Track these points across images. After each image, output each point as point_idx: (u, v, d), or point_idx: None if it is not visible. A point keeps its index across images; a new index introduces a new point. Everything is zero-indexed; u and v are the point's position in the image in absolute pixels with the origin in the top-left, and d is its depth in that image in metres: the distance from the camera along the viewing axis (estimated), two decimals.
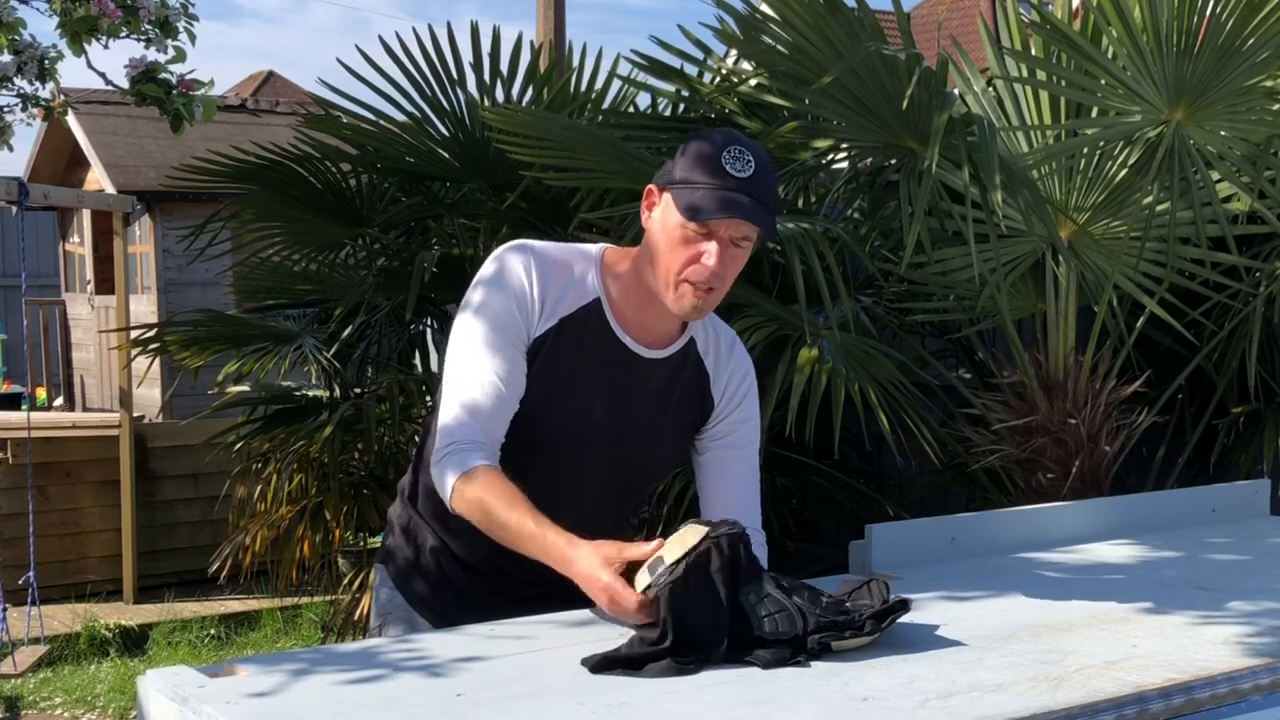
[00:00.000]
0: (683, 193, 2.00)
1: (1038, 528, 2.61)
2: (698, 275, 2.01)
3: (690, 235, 2.00)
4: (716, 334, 2.25)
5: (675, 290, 2.04)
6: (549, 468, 2.15)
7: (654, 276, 2.05)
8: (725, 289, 2.06)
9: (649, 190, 2.08)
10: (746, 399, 2.26)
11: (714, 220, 1.98)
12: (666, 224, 2.03)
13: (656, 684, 1.68)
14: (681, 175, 2.01)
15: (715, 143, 2.02)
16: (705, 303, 2.05)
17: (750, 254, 2.08)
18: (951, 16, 13.02)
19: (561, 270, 2.11)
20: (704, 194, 1.98)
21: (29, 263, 6.36)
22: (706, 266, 2.00)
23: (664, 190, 2.04)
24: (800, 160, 3.88)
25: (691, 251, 2.01)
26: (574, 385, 2.12)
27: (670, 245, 2.02)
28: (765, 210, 2.00)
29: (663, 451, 2.25)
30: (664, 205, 2.04)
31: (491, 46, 4.32)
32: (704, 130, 2.10)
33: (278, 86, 14.95)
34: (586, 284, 2.12)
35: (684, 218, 1.99)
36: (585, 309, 2.11)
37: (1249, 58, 3.27)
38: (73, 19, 3.56)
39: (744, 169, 1.98)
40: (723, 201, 1.97)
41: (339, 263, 4.87)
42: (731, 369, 2.24)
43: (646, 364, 2.15)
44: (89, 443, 7.43)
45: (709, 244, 2.00)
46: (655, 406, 2.18)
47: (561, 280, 2.10)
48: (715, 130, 2.08)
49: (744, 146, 2.01)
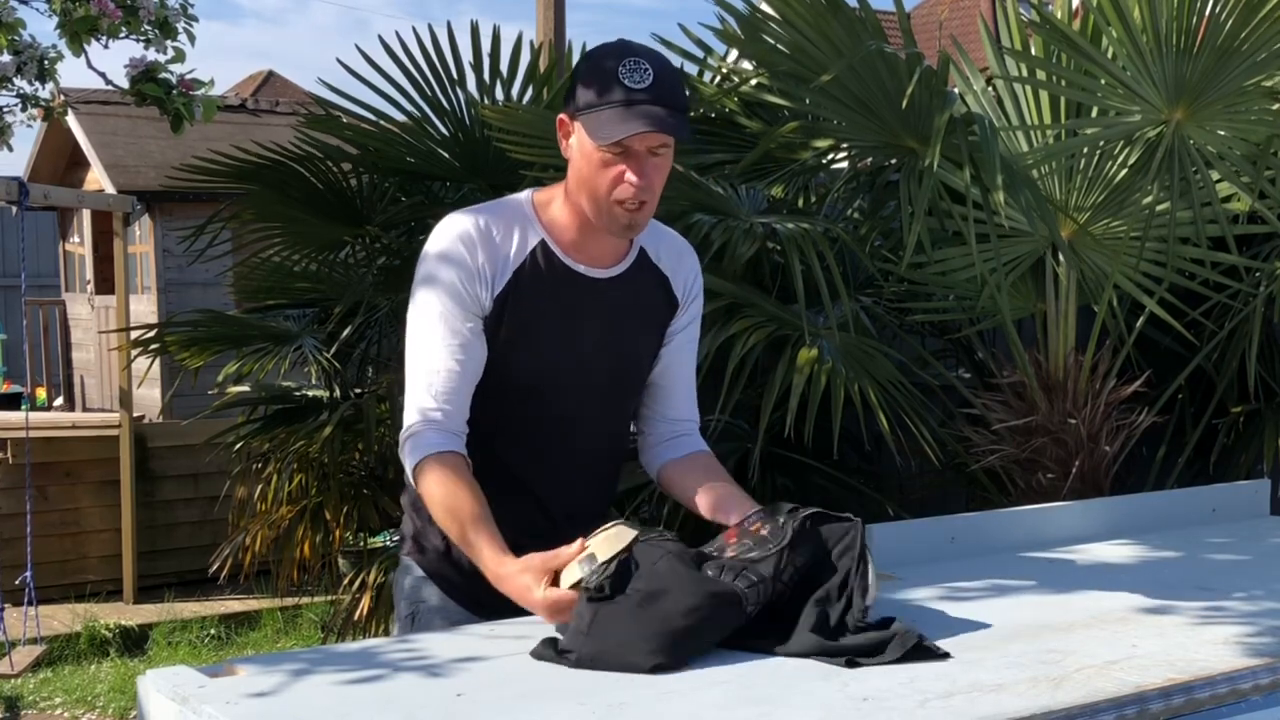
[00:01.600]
0: (590, 117, 2.03)
1: (1038, 528, 2.61)
2: (624, 194, 2.05)
3: (608, 157, 2.03)
4: (662, 237, 2.29)
5: (609, 213, 2.08)
6: (551, 410, 2.19)
7: (585, 203, 2.09)
8: (655, 198, 2.10)
9: (560, 120, 2.11)
10: (699, 297, 2.33)
11: (626, 138, 2.01)
12: (584, 150, 2.06)
13: (657, 684, 1.68)
14: (585, 100, 2.04)
15: (611, 58, 2.04)
16: (639, 217, 2.09)
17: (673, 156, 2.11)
18: (951, 16, 13.02)
19: (501, 226, 2.14)
20: (610, 114, 2.01)
21: (29, 263, 6.35)
22: (631, 184, 2.04)
23: (574, 118, 2.07)
24: (800, 160, 3.88)
25: (613, 172, 2.04)
26: (550, 326, 2.16)
27: (592, 170, 2.06)
28: (673, 114, 2.02)
29: (647, 362, 2.29)
30: (577, 132, 2.07)
31: (491, 46, 4.32)
32: (597, 47, 2.13)
33: (278, 86, 14.94)
34: (528, 230, 2.16)
35: (596, 142, 2.02)
36: (534, 253, 2.15)
37: (1248, 58, 3.27)
38: (72, 19, 3.56)
39: (643, 79, 2.01)
40: (629, 117, 1.99)
41: (339, 262, 4.87)
42: (686, 267, 2.30)
43: (605, 284, 2.19)
44: (89, 443, 7.43)
45: (627, 162, 2.03)
46: (631, 321, 2.23)
47: (504, 235, 2.14)
48: (607, 44, 2.11)
49: (639, 56, 2.04)
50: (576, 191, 2.11)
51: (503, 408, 2.18)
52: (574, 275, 2.17)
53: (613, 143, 2.01)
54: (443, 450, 2.07)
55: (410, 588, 2.31)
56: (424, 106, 4.29)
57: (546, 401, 2.19)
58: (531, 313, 2.15)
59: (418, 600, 2.29)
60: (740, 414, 3.92)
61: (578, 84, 2.07)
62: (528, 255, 2.14)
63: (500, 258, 2.13)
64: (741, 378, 3.43)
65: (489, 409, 2.16)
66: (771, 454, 3.86)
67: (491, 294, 2.12)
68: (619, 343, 2.22)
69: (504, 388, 2.16)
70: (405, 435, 2.10)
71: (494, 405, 2.16)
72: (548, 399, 2.19)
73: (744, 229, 3.56)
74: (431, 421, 2.08)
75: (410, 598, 2.30)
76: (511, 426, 2.19)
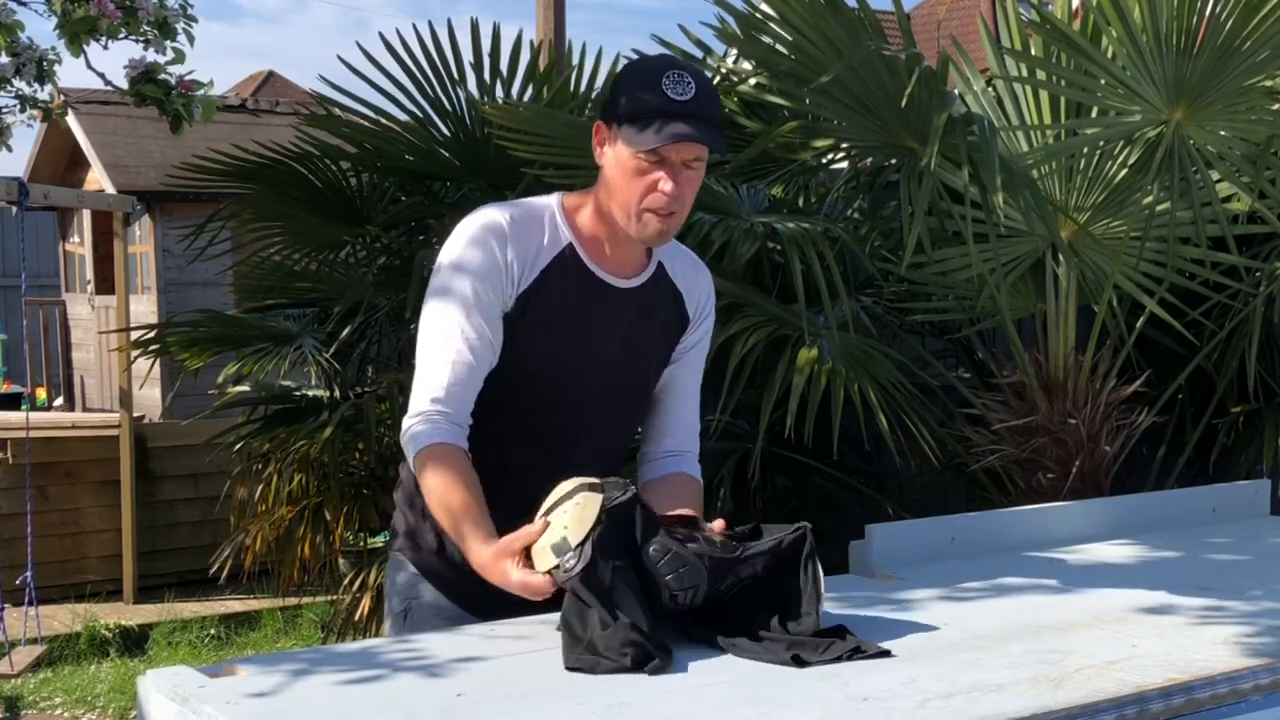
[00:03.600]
0: (629, 125, 2.05)
1: (1038, 528, 2.61)
2: (657, 203, 2.07)
3: (643, 165, 2.06)
4: (679, 253, 2.32)
5: (639, 220, 2.10)
6: (560, 413, 2.20)
7: (616, 210, 2.11)
8: (685, 211, 2.13)
9: (598, 127, 2.13)
10: (710, 315, 2.35)
11: (664, 147, 2.03)
12: (619, 157, 2.08)
13: (657, 684, 1.68)
14: (626, 108, 2.06)
15: (654, 69, 2.07)
16: (668, 227, 2.11)
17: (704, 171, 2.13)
18: (951, 16, 13.02)
19: (530, 226, 2.16)
20: (650, 123, 2.03)
21: (29, 263, 6.35)
22: (664, 193, 2.06)
23: (611, 125, 2.09)
24: (800, 160, 3.88)
25: (647, 180, 2.06)
26: (569, 329, 2.17)
27: (626, 177, 2.08)
28: (711, 129, 2.06)
29: (654, 375, 2.31)
30: (615, 140, 2.09)
31: (491, 45, 4.31)
32: (640, 59, 2.14)
33: (278, 86, 14.92)
34: (557, 232, 2.17)
35: (634, 149, 2.04)
36: (561, 255, 2.16)
37: (1249, 57, 3.27)
38: (72, 20, 3.56)
39: (685, 91, 2.04)
40: (669, 127, 2.02)
41: (339, 262, 4.87)
42: (700, 285, 2.32)
43: (626, 294, 2.21)
44: (89, 443, 7.43)
45: (662, 170, 2.06)
46: (645, 333, 2.25)
47: (533, 235, 2.15)
48: (651, 57, 2.13)
49: (681, 69, 2.07)
50: (607, 198, 2.12)
51: (513, 408, 2.18)
52: (598, 281, 2.18)
53: (650, 150, 2.03)
54: (444, 442, 2.07)
55: (404, 584, 2.31)
56: (424, 105, 4.29)
57: (557, 404, 2.20)
58: (553, 313, 2.15)
59: (410, 596, 2.30)
60: (740, 414, 3.92)
61: (619, 93, 2.09)
62: (555, 256, 2.16)
63: (529, 255, 2.14)
64: (741, 378, 3.43)
65: (502, 407, 2.16)
66: (771, 454, 3.86)
67: (516, 290, 2.13)
68: (631, 353, 2.23)
69: (518, 386, 2.17)
70: (408, 425, 2.11)
71: (504, 404, 2.16)
72: (559, 402, 2.20)
73: (744, 229, 3.56)
74: (436, 413, 2.09)
75: (404, 594, 2.31)
76: (522, 426, 2.20)
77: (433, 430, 2.08)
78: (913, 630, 1.91)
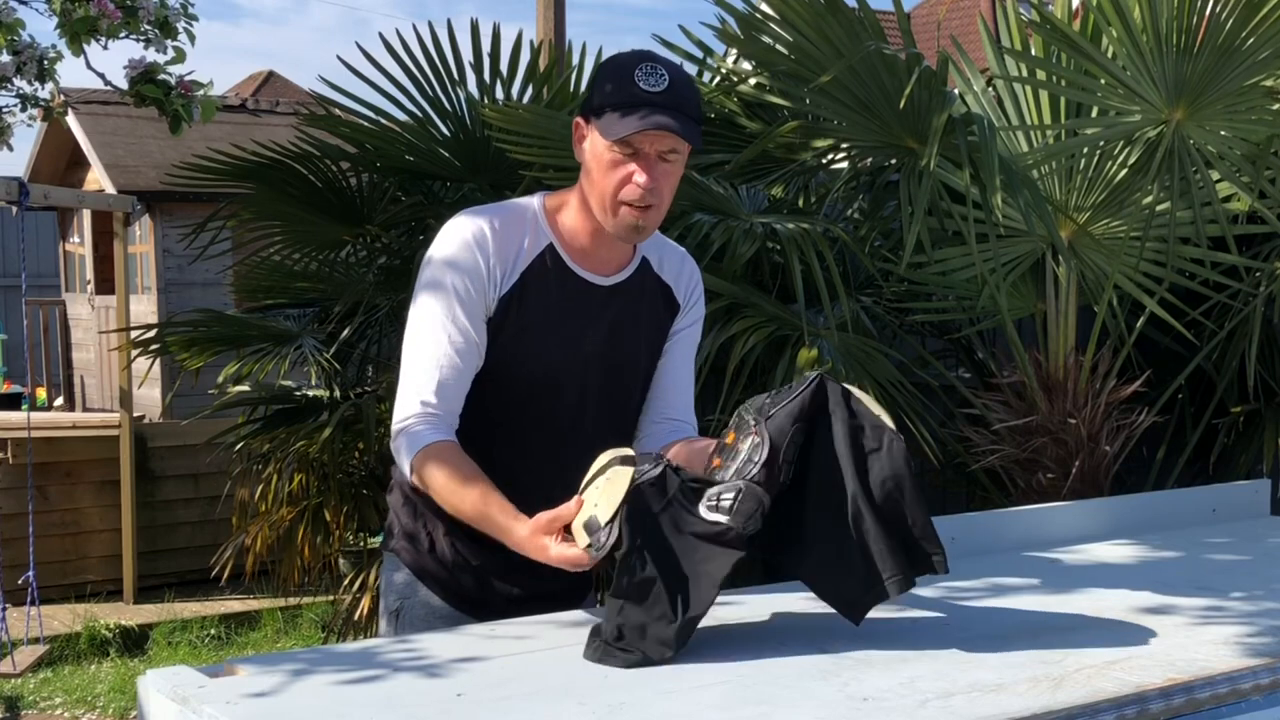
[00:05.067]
0: (603, 117, 2.05)
1: (1038, 528, 2.61)
2: (632, 195, 2.06)
3: (617, 157, 2.05)
4: (664, 248, 2.31)
5: (614, 214, 2.09)
6: (548, 414, 2.20)
7: (594, 204, 2.11)
8: (663, 205, 2.11)
9: (576, 123, 2.12)
10: (700, 301, 2.35)
11: (635, 136, 2.02)
12: (595, 150, 2.08)
13: (657, 684, 1.68)
14: (599, 101, 2.06)
15: (628, 62, 2.07)
16: (645, 220, 2.10)
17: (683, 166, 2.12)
18: (951, 16, 13.01)
19: (511, 227, 2.16)
20: (622, 113, 2.03)
21: (29, 263, 6.35)
22: (638, 185, 2.05)
23: (588, 120, 2.09)
24: (800, 160, 3.88)
25: (622, 173, 2.06)
26: (553, 330, 2.17)
27: (602, 171, 2.07)
28: (684, 118, 2.04)
29: (645, 370, 2.30)
30: (590, 133, 2.09)
31: (491, 45, 4.32)
32: (616, 55, 2.15)
33: (278, 86, 14.92)
34: (537, 233, 2.17)
35: (607, 140, 2.04)
36: (540, 256, 2.16)
37: (1249, 57, 3.28)
38: (72, 19, 3.57)
39: (657, 83, 2.03)
40: (641, 117, 2.01)
41: (339, 262, 4.87)
42: (686, 275, 2.31)
43: (608, 292, 2.21)
44: (89, 443, 7.42)
45: (637, 163, 2.05)
46: (633, 329, 2.24)
47: (513, 237, 2.15)
48: (626, 51, 2.13)
49: (655, 62, 2.06)
50: (587, 194, 2.12)
51: (501, 410, 2.18)
52: (579, 281, 2.18)
53: (622, 140, 2.02)
54: (439, 441, 2.07)
55: (401, 583, 2.32)
56: (424, 105, 4.29)
57: (545, 405, 2.20)
58: (536, 315, 2.15)
59: (405, 595, 2.30)
60: None
61: (594, 87, 2.10)
62: (535, 258, 2.15)
63: (509, 259, 2.14)
64: (741, 378, 3.43)
65: (488, 411, 2.16)
66: None
67: (498, 293, 2.13)
68: (619, 350, 2.23)
69: (504, 390, 2.17)
70: (398, 429, 2.10)
71: (492, 407, 2.17)
72: (546, 403, 2.20)
73: (744, 229, 3.56)
74: (426, 415, 2.09)
75: (400, 593, 2.31)
76: (509, 429, 2.20)
77: (430, 429, 2.08)
78: (913, 630, 1.91)
